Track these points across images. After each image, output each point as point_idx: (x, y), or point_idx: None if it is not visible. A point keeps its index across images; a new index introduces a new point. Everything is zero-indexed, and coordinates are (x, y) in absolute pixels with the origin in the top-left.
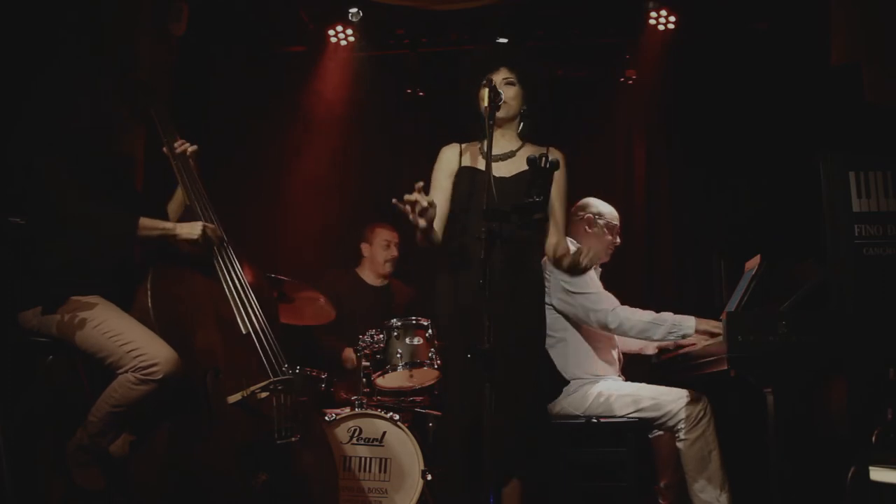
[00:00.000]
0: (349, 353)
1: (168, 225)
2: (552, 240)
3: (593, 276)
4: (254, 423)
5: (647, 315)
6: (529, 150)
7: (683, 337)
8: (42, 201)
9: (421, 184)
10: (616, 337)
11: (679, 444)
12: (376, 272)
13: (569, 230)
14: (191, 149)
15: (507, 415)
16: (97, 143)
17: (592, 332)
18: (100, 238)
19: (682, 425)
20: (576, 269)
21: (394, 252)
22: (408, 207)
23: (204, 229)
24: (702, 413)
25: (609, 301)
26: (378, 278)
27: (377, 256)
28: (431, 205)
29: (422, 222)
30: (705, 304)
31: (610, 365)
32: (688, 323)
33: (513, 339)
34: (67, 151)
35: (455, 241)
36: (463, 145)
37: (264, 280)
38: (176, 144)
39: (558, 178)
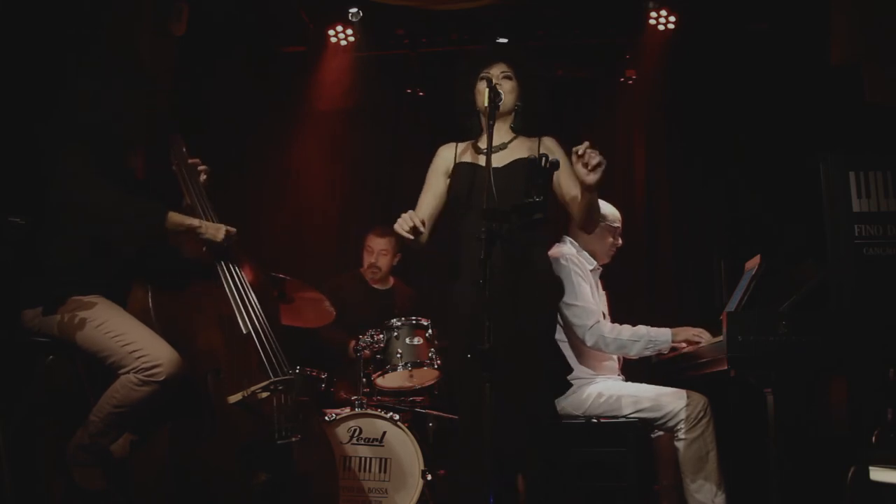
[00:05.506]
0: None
1: (195, 222)
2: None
3: (582, 286)
4: (254, 423)
5: (624, 332)
6: (521, 142)
7: (660, 351)
8: (63, 196)
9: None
10: None
11: (677, 444)
12: (368, 277)
13: (569, 231)
14: (202, 174)
15: (508, 415)
16: (113, 140)
17: None
18: (111, 234)
19: (681, 425)
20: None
21: (375, 260)
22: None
23: (227, 233)
24: (702, 414)
25: (591, 317)
26: (379, 281)
27: (365, 262)
28: (423, 224)
29: (410, 235)
30: (705, 304)
31: (610, 365)
32: (663, 337)
33: (514, 339)
34: (88, 147)
35: (457, 239)
36: (459, 144)
37: (265, 279)
38: (190, 162)
39: (565, 163)
